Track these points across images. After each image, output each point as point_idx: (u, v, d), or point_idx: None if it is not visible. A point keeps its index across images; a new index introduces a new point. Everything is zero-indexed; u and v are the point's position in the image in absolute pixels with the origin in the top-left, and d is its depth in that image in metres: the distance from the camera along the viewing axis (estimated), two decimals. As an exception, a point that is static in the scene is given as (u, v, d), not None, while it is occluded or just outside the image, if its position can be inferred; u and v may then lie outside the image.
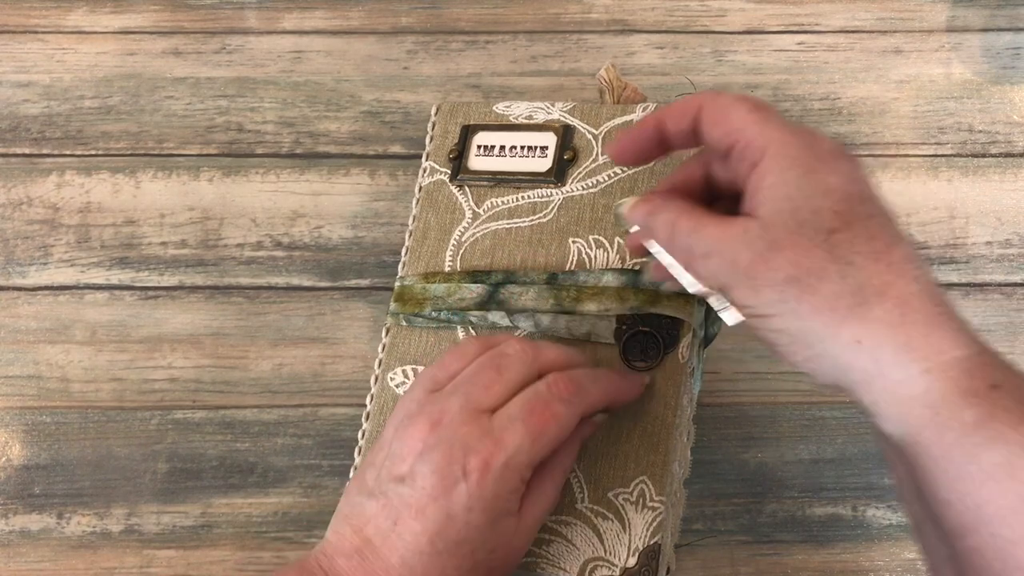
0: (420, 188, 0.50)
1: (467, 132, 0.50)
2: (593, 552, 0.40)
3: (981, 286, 0.55)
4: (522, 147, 0.49)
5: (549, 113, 0.49)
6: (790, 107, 0.58)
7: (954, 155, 0.57)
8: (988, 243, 0.55)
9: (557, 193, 0.47)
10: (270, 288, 0.56)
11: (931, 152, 0.57)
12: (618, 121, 0.48)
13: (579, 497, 0.41)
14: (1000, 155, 0.57)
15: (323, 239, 0.57)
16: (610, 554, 0.40)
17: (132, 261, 0.56)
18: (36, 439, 0.53)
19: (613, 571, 0.40)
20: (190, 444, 0.53)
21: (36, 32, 0.62)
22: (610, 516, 0.41)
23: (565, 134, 0.48)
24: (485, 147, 0.50)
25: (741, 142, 0.34)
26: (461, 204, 0.49)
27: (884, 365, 0.31)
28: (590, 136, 0.48)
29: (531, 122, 0.49)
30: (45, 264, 0.56)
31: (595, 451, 0.42)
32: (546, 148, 0.48)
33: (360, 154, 0.58)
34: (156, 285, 0.56)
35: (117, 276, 0.56)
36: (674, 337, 0.43)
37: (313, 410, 0.53)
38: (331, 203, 0.57)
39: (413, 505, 0.36)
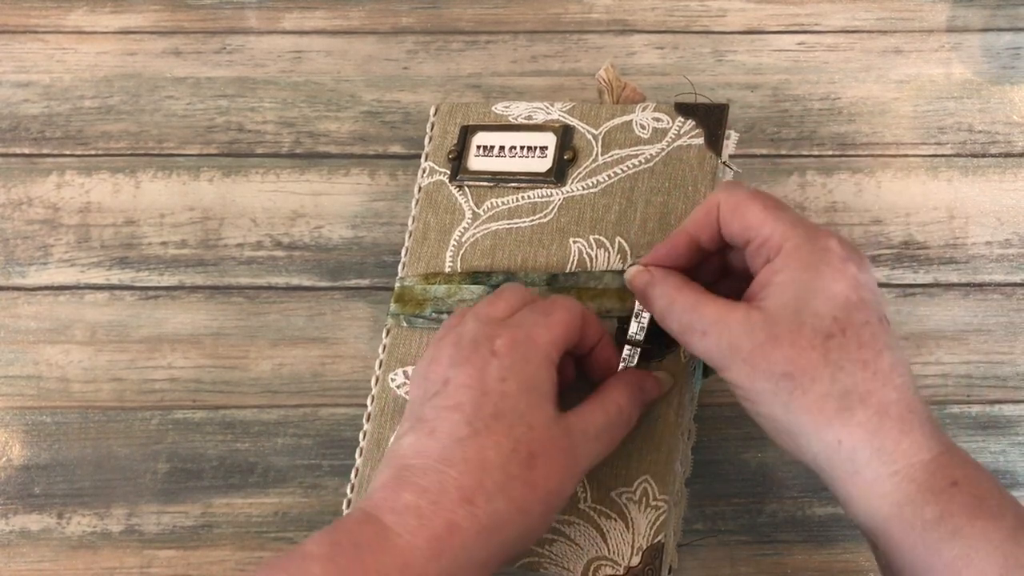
0: (419, 189, 0.50)
1: (466, 132, 0.50)
2: (597, 551, 0.40)
3: (981, 286, 0.55)
4: (522, 147, 0.49)
5: (548, 113, 0.49)
6: (790, 107, 0.58)
7: (954, 155, 0.57)
8: (988, 243, 0.55)
9: (557, 193, 0.47)
10: (270, 288, 0.56)
11: (931, 152, 0.57)
12: (617, 121, 0.48)
13: (582, 497, 0.41)
14: (1000, 155, 0.57)
15: (323, 239, 0.57)
16: (614, 553, 0.40)
17: (132, 261, 0.56)
18: (36, 439, 0.53)
19: (617, 570, 0.40)
20: (190, 444, 0.53)
21: (36, 32, 0.62)
22: (613, 515, 0.41)
23: (565, 134, 0.48)
24: (484, 147, 0.49)
25: (757, 240, 0.37)
26: (461, 204, 0.49)
27: (859, 465, 0.34)
28: (590, 136, 0.48)
29: (530, 122, 0.49)
30: (45, 264, 0.56)
31: (597, 451, 0.42)
32: (546, 148, 0.48)
33: (360, 154, 0.58)
34: (156, 285, 0.56)
35: (117, 276, 0.56)
36: (675, 337, 0.43)
37: (313, 410, 0.53)
38: (331, 203, 0.57)
39: (450, 404, 0.36)
